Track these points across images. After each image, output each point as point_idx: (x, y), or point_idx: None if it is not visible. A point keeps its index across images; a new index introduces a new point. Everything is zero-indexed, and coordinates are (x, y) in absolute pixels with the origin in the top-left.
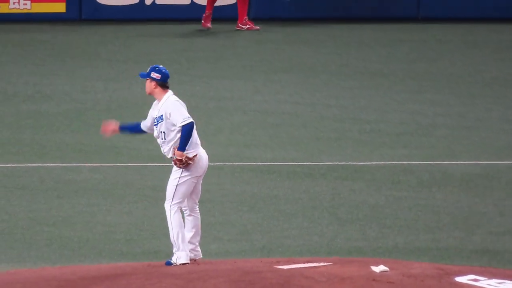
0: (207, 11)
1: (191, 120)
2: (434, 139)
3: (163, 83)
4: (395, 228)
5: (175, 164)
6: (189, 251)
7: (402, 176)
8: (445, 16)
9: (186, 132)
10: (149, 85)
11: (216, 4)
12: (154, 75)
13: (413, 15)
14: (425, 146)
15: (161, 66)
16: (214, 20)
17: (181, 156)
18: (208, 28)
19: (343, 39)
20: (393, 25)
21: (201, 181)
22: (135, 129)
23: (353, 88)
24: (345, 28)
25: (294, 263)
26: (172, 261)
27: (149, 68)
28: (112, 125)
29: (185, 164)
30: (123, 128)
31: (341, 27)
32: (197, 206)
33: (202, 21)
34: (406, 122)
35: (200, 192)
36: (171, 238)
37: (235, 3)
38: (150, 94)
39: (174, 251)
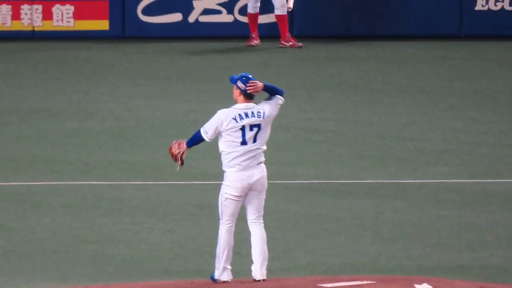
0: (252, 33)
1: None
2: (476, 157)
3: (246, 93)
4: (438, 247)
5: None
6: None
7: (445, 194)
8: (487, 33)
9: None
10: (235, 92)
11: (259, 21)
12: (240, 84)
13: (456, 33)
14: (467, 164)
15: (251, 76)
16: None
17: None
18: (253, 46)
19: (385, 56)
20: (435, 43)
21: (252, 201)
22: (199, 141)
23: (395, 105)
24: (387, 45)
25: (338, 281)
26: (215, 277)
27: (240, 74)
28: (183, 148)
29: (175, 158)
30: (191, 145)
31: (383, 44)
32: (257, 224)
33: (247, 42)
34: (449, 140)
35: (256, 213)
36: (216, 254)
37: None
38: (235, 100)
39: (215, 267)
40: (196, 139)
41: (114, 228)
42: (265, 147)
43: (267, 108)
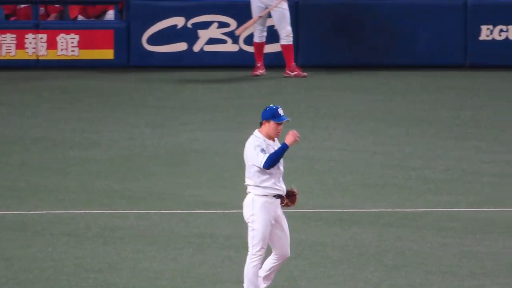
0: (257, 62)
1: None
2: (479, 186)
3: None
4: (440, 275)
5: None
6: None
7: (447, 222)
8: (492, 63)
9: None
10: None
11: (264, 51)
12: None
13: (460, 63)
14: (470, 193)
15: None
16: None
17: None
18: (259, 75)
19: (389, 86)
20: (439, 72)
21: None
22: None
23: (398, 135)
24: (391, 75)
25: None
26: None
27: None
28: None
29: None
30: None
31: (387, 74)
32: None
33: (253, 71)
34: (451, 169)
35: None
36: None
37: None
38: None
39: None
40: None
41: (116, 256)
42: (248, 181)
43: (245, 148)
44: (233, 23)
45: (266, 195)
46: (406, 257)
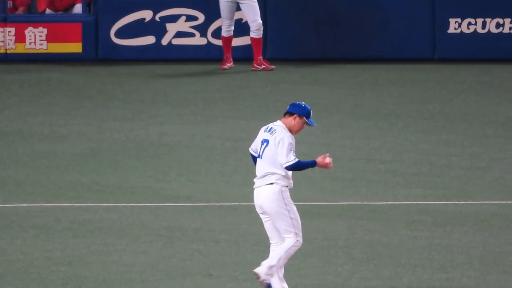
0: (225, 56)
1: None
2: (448, 179)
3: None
4: (410, 268)
5: None
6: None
7: (417, 216)
8: (460, 57)
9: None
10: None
11: (232, 44)
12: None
13: (429, 56)
14: (439, 186)
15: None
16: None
17: None
18: (226, 69)
19: (357, 79)
20: (408, 66)
21: (271, 223)
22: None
23: (367, 128)
24: (359, 68)
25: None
26: None
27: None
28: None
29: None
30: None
31: (356, 67)
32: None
33: (221, 65)
34: (420, 162)
35: (273, 238)
36: None
37: (250, 44)
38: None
39: None
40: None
41: (86, 250)
42: (274, 170)
43: (278, 137)
44: (201, 16)
45: (290, 188)
46: (376, 250)
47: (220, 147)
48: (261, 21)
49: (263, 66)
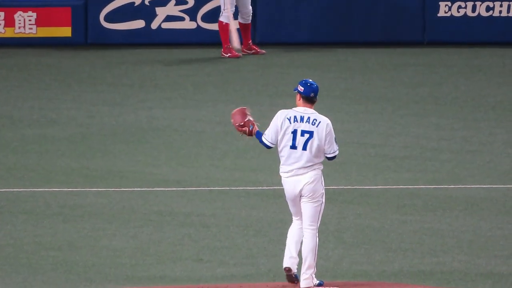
0: (225, 44)
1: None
2: (438, 163)
3: (306, 97)
4: (400, 252)
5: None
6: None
7: (407, 200)
8: (450, 40)
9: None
10: (296, 97)
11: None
12: (299, 87)
13: (419, 40)
14: (429, 170)
15: (311, 80)
16: (219, 45)
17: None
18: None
19: (347, 63)
20: (398, 49)
21: (303, 206)
22: (263, 145)
23: (357, 112)
24: (349, 52)
25: (300, 287)
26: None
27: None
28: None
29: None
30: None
31: (346, 51)
32: (307, 230)
33: (223, 52)
34: (411, 146)
35: (305, 217)
36: None
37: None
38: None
39: None
40: (261, 142)
41: (76, 234)
42: (317, 159)
43: (322, 128)
44: (190, 0)
45: None
46: (366, 235)
47: (210, 131)
48: (251, 8)
49: (253, 51)
